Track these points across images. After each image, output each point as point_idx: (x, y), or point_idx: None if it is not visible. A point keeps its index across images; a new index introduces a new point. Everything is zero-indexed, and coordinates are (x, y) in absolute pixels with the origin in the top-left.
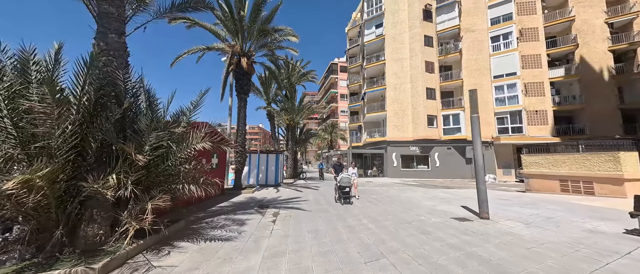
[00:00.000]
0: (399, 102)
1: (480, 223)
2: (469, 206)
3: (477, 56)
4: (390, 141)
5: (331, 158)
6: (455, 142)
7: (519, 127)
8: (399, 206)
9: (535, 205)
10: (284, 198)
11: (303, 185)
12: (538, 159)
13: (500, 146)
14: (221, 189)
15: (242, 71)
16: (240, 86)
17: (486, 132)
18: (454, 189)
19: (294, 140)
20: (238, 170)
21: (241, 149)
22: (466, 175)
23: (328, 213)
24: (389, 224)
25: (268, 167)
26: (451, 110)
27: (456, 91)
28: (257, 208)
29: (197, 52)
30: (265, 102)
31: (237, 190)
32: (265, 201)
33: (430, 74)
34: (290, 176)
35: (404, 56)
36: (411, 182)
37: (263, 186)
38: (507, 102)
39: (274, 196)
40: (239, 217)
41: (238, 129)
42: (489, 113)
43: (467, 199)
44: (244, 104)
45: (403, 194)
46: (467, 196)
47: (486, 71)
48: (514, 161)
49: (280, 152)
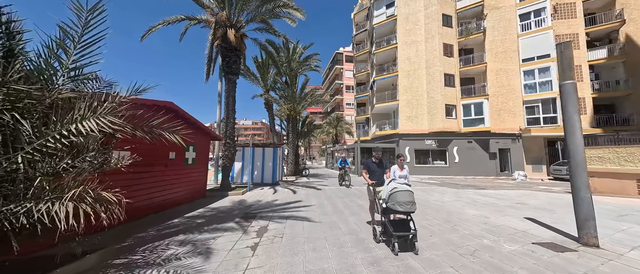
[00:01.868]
0: (413, 91)
1: (592, 256)
2: (537, 217)
3: (503, 37)
4: (402, 134)
5: (335, 153)
6: (477, 134)
7: (553, 117)
8: (437, 217)
9: (634, 217)
10: (280, 203)
11: (305, 184)
12: (603, 152)
13: (530, 139)
14: (203, 191)
15: (229, 46)
16: (228, 65)
17: (513, 123)
18: (488, 190)
19: (295, 133)
20: (226, 167)
21: (229, 142)
22: (490, 172)
23: (337, 229)
24: (440, 257)
25: (264, 164)
26: (472, 98)
27: (478, 77)
28: (240, 220)
29: (175, 23)
30: (262, 90)
31: (224, 191)
32: (255, 208)
33: (448, 58)
34: (291, 173)
35: (418, 39)
36: (429, 181)
37: (258, 185)
38: (538, 88)
39: (268, 199)
40: (206, 238)
41: (225, 118)
42: (516, 101)
43: (520, 205)
44: (232, 86)
45: (431, 197)
46: (513, 198)
47: (513, 54)
48: (546, 156)
49: (278, 146)
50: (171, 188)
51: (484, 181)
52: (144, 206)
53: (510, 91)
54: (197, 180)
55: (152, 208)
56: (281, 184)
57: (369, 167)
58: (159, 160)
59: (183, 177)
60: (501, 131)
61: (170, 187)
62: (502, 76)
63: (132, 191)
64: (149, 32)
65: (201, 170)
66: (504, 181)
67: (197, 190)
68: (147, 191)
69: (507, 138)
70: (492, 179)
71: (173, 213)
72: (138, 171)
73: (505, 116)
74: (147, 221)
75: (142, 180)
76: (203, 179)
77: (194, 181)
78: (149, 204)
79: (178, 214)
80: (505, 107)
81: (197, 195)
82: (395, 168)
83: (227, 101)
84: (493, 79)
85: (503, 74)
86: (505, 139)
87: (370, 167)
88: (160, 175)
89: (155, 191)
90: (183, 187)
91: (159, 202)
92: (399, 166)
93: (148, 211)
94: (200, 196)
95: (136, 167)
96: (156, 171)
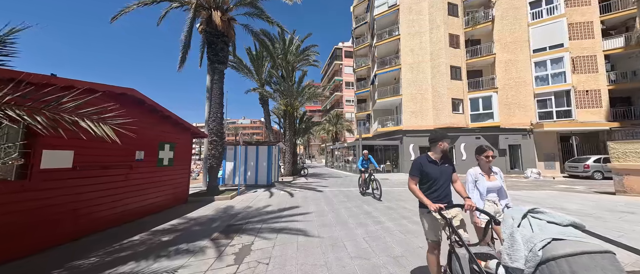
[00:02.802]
0: (417, 84)
1: None
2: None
3: (512, 26)
4: (406, 130)
5: (335, 151)
6: (486, 130)
7: (567, 111)
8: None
9: None
10: (273, 209)
11: (303, 185)
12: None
13: (542, 135)
14: (184, 196)
15: (215, 31)
16: (214, 52)
17: (523, 117)
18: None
19: (292, 130)
20: (212, 167)
21: (216, 140)
22: (500, 169)
23: (342, 249)
24: None
25: (258, 163)
26: (480, 92)
27: (486, 69)
28: (219, 235)
29: (152, 5)
30: (257, 84)
31: (211, 196)
32: (242, 217)
33: (454, 49)
34: (289, 172)
35: (422, 29)
36: None
37: (252, 187)
38: (550, 80)
39: (260, 204)
40: (163, 269)
41: (211, 112)
42: (526, 95)
43: (560, 211)
44: (219, 77)
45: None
46: (545, 202)
47: (524, 44)
48: (558, 152)
49: (273, 144)
50: (139, 194)
51: None
52: (101, 218)
53: (520, 83)
54: (177, 184)
55: (113, 219)
56: (277, 185)
57: (423, 171)
58: (120, 161)
59: (156, 181)
60: (511, 126)
61: (137, 193)
62: (512, 67)
63: (83, 200)
64: (122, 13)
65: (181, 172)
66: (517, 179)
67: (176, 195)
68: (104, 200)
69: (518, 134)
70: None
71: (138, 226)
72: (91, 175)
73: (516, 110)
74: (100, 239)
75: (97, 186)
76: (184, 183)
77: (171, 185)
78: (107, 215)
79: (144, 228)
80: (515, 101)
81: (177, 201)
82: (475, 173)
83: (213, 93)
84: (502, 71)
85: (513, 66)
86: (515, 135)
87: (426, 172)
88: (122, 179)
89: (117, 199)
90: (157, 192)
91: (122, 212)
92: (482, 168)
93: (107, 224)
94: (181, 202)
95: (88, 171)
96: (116, 175)
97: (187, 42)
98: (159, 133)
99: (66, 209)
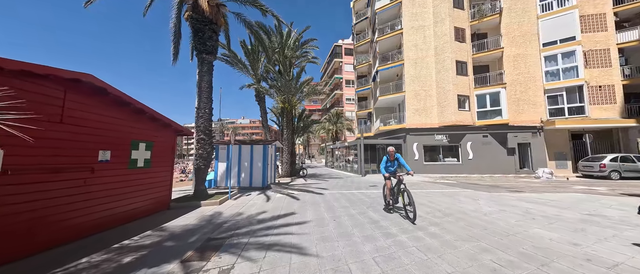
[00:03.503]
0: (421, 81)
1: None
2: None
3: (521, 19)
4: (409, 129)
5: (335, 151)
6: (493, 128)
7: (579, 107)
8: (500, 245)
9: None
10: (265, 217)
11: (302, 187)
12: None
13: (552, 132)
14: (165, 202)
15: (202, 18)
16: (201, 41)
17: (533, 114)
18: (526, 193)
19: (290, 129)
20: (200, 169)
21: (204, 138)
22: (508, 169)
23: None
24: None
25: (253, 164)
26: (487, 88)
27: (493, 64)
28: (193, 254)
29: None
30: (252, 80)
31: (197, 200)
32: (227, 227)
33: (460, 43)
34: (287, 173)
35: (426, 23)
36: (442, 180)
37: (246, 190)
38: (561, 75)
39: (251, 210)
40: None
41: (198, 107)
42: (536, 91)
43: (598, 218)
44: (207, 69)
45: (464, 206)
46: (577, 207)
47: (533, 37)
48: (570, 151)
49: (269, 143)
50: (105, 202)
51: (505, 180)
52: (48, 234)
53: (529, 79)
54: (156, 188)
55: (68, 234)
56: (273, 187)
57: None
58: (76, 163)
59: (129, 185)
60: (520, 124)
61: (103, 200)
62: (521, 62)
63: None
64: None
65: (161, 175)
66: (527, 179)
67: (157, 201)
68: (52, 210)
69: (527, 131)
70: (512, 177)
71: (99, 241)
72: (31, 180)
73: (525, 106)
74: (41, 264)
75: (41, 194)
76: (165, 186)
77: (149, 189)
78: (57, 230)
79: (107, 243)
80: (524, 97)
81: (157, 207)
82: None
83: (200, 86)
84: (510, 66)
85: (521, 60)
86: (524, 133)
87: None
88: (80, 185)
89: (73, 209)
90: (130, 199)
91: (81, 224)
92: None
93: (57, 240)
94: (162, 208)
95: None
96: (72, 179)
97: (177, 30)
98: (130, 130)
99: None
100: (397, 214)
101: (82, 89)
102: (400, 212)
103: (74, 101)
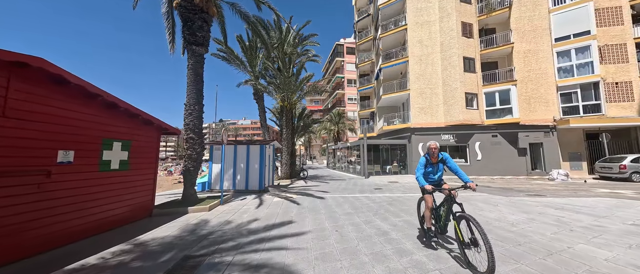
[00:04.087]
0: (426, 78)
1: None
2: None
3: (531, 13)
4: (414, 128)
5: (337, 152)
6: (503, 127)
7: (595, 105)
8: (544, 269)
9: None
10: (257, 227)
11: (301, 190)
12: None
13: (566, 132)
14: (148, 208)
15: (191, 6)
16: (191, 31)
17: (545, 113)
18: (548, 198)
19: (290, 128)
20: (188, 171)
21: (194, 137)
22: (519, 170)
23: None
24: None
25: (249, 165)
26: (497, 85)
27: (502, 60)
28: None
29: None
30: (250, 76)
31: (185, 206)
32: (211, 241)
33: (467, 39)
34: (286, 175)
35: (432, 18)
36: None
37: (241, 193)
38: (575, 72)
39: (243, 218)
40: None
41: (188, 104)
42: (548, 88)
43: None
44: (198, 62)
45: (487, 214)
46: (614, 214)
47: (544, 32)
48: (585, 151)
49: (266, 143)
50: (69, 210)
51: (518, 182)
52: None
53: (541, 75)
54: (136, 193)
55: (12, 252)
56: (271, 190)
57: None
58: (25, 164)
59: (101, 190)
60: (532, 123)
61: (65, 209)
62: (532, 58)
63: None
64: None
65: (142, 178)
66: (541, 181)
67: (137, 207)
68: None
69: (539, 131)
70: (524, 179)
71: (50, 261)
72: None
73: (536, 105)
74: None
75: None
76: (147, 191)
77: (127, 194)
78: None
79: (62, 262)
80: (535, 95)
81: (137, 214)
82: None
83: (190, 80)
84: (521, 62)
85: (532, 56)
86: (536, 132)
87: None
88: (32, 192)
89: (20, 221)
90: (102, 205)
91: (35, 238)
92: None
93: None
94: (142, 216)
95: None
96: (20, 185)
97: (170, 16)
98: (101, 127)
99: None
100: (444, 250)
101: (33, 76)
102: (450, 246)
103: (21, 91)
